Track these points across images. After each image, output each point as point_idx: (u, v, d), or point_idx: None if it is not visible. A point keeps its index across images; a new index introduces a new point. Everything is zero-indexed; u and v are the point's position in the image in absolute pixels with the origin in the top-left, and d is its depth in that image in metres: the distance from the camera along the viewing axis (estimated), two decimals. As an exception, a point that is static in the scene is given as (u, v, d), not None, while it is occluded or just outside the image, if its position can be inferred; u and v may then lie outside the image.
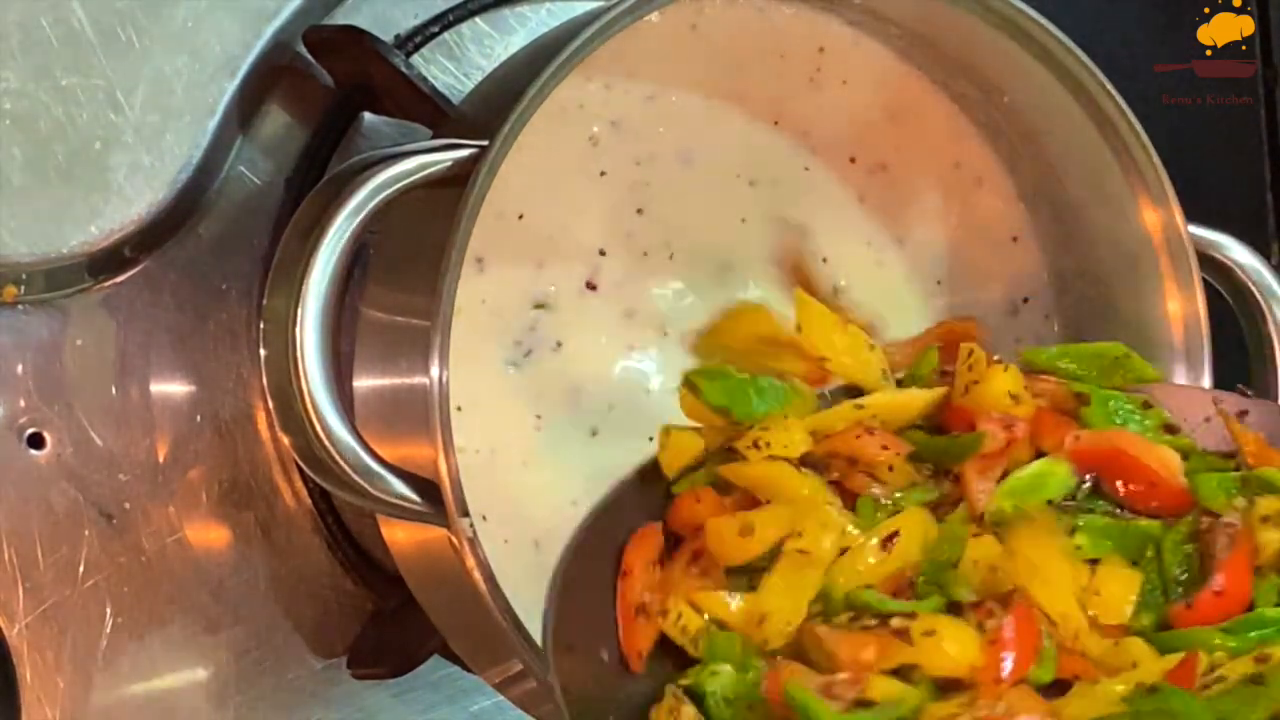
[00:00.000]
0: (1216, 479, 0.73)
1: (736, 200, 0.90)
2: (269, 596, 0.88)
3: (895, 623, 0.67)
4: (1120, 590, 0.71)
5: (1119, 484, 0.74)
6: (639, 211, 0.88)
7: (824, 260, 0.92)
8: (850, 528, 0.71)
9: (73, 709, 0.83)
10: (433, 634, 0.84)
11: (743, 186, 0.90)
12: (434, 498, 0.74)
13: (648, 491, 0.73)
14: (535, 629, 0.76)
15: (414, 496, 0.74)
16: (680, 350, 0.89)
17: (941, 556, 0.71)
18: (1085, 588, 0.70)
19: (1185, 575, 0.72)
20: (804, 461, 0.73)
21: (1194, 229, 0.91)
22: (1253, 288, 0.94)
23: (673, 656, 0.70)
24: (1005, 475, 0.73)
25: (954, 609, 0.69)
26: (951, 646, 0.66)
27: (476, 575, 0.74)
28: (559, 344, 0.85)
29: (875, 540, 0.70)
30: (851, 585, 0.69)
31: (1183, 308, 0.91)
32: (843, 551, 0.71)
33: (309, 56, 0.88)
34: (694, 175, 0.89)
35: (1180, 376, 0.91)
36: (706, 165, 0.89)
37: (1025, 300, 0.96)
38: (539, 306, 0.85)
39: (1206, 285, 0.92)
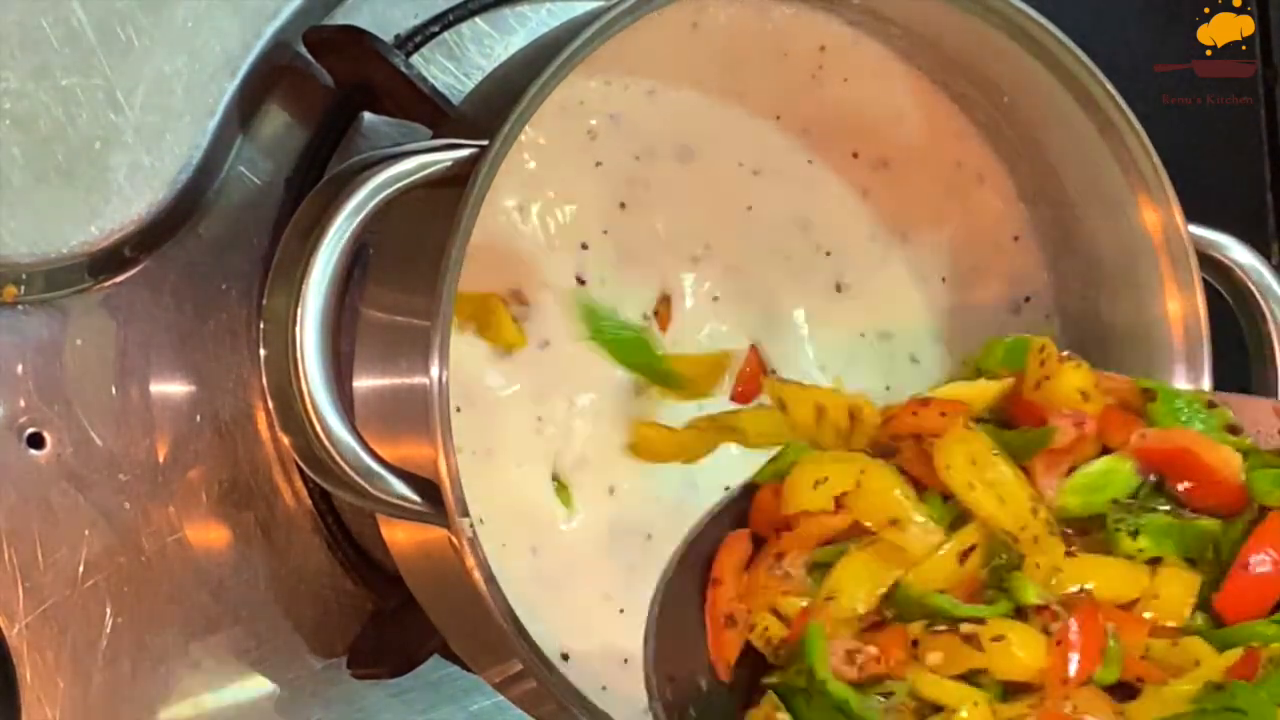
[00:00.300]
0: (1271, 474, 0.73)
1: (740, 193, 0.91)
2: (269, 596, 0.88)
3: (965, 628, 0.68)
4: (1179, 593, 0.71)
5: (1180, 482, 0.74)
6: (635, 207, 0.88)
7: (827, 254, 0.92)
8: (936, 533, 0.71)
9: (73, 709, 0.83)
10: (433, 634, 0.84)
11: (746, 177, 0.91)
12: (434, 498, 0.74)
13: (732, 512, 0.73)
14: (535, 630, 0.76)
15: (414, 496, 0.74)
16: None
17: (1004, 559, 0.71)
18: (1145, 590, 0.71)
19: None
20: (875, 450, 0.73)
21: (1194, 229, 0.91)
22: (1253, 288, 0.94)
23: (756, 660, 0.70)
24: (1070, 472, 0.73)
25: (1018, 612, 0.70)
26: (1020, 651, 0.67)
27: (476, 575, 0.74)
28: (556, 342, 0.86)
29: (954, 551, 0.70)
30: (926, 589, 0.69)
31: (1183, 308, 0.91)
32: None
33: (309, 56, 0.88)
34: (693, 170, 0.89)
35: (1180, 377, 0.91)
36: (707, 160, 0.90)
37: (1026, 299, 0.96)
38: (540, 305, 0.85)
39: (1206, 285, 0.92)
